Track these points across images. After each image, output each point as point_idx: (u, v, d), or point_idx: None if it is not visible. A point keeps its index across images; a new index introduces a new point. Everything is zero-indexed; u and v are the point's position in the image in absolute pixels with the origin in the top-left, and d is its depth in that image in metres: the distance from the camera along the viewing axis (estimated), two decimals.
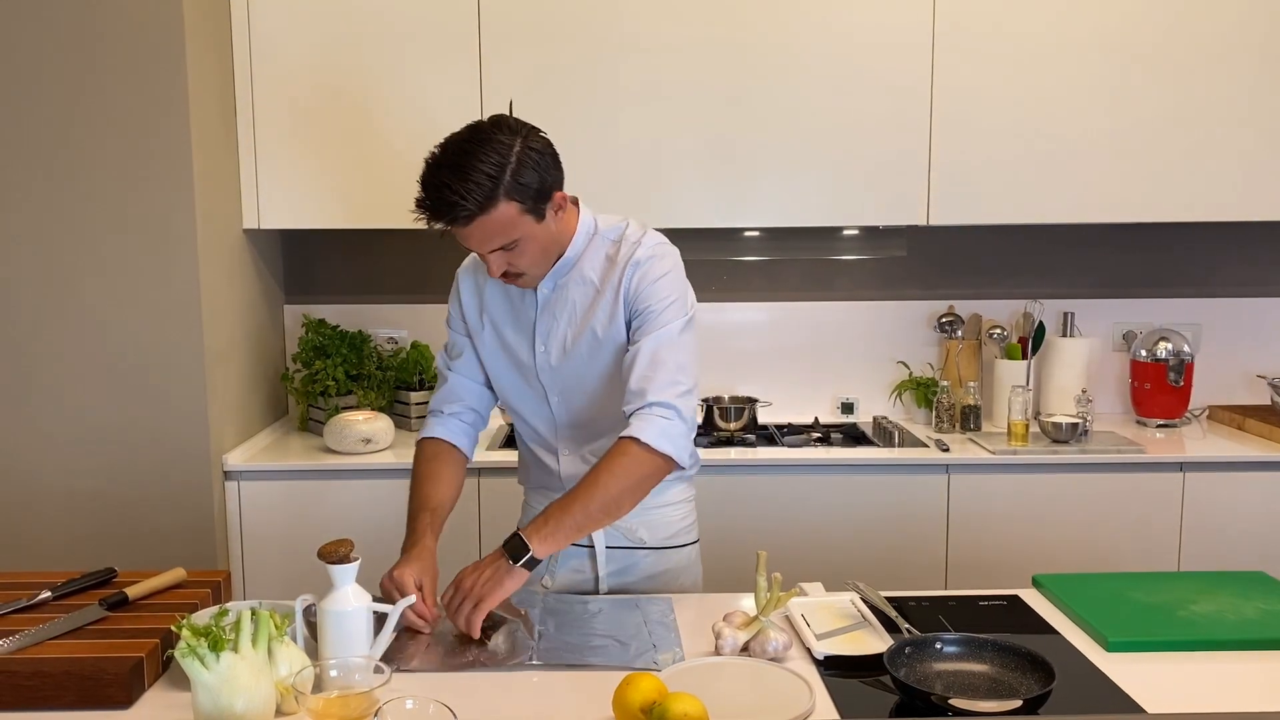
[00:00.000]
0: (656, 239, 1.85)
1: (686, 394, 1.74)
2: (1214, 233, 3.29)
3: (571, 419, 1.89)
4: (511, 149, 1.65)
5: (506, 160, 1.64)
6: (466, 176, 1.62)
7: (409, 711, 1.29)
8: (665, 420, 1.70)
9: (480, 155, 1.63)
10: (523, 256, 1.73)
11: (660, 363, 1.73)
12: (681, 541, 1.97)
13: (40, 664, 1.42)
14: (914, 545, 2.80)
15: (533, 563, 1.63)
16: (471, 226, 1.66)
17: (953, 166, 2.90)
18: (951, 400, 3.08)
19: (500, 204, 1.65)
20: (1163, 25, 2.86)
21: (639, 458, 1.68)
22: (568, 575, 1.94)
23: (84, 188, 2.57)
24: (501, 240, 1.69)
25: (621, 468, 1.67)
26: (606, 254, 1.83)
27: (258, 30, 2.83)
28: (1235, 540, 2.81)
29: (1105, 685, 1.48)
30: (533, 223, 1.70)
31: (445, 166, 1.64)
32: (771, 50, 2.86)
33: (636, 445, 1.68)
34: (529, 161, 1.67)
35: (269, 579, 2.75)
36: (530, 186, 1.67)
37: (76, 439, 2.64)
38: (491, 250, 1.71)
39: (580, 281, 1.83)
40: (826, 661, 1.54)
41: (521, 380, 1.90)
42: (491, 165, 1.63)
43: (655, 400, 1.70)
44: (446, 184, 1.63)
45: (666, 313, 1.77)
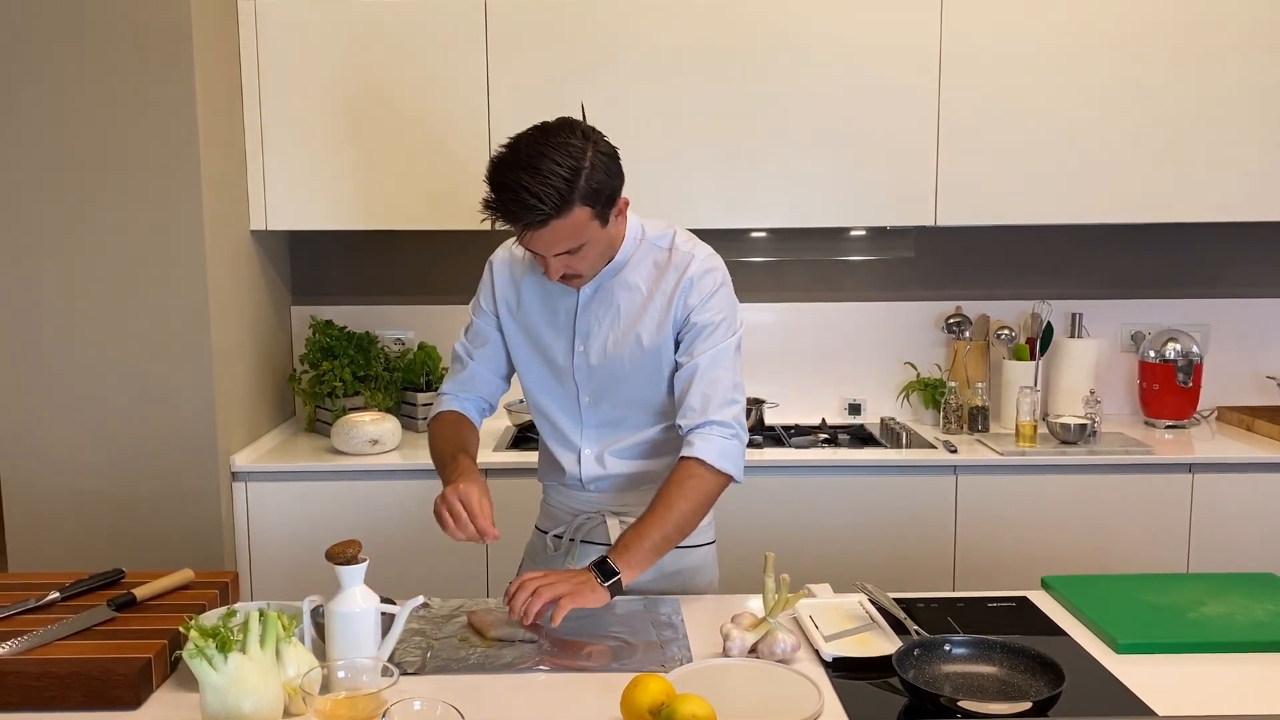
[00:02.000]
0: (708, 252, 1.85)
1: (742, 412, 1.81)
2: (1222, 233, 3.28)
3: (599, 420, 1.89)
4: (585, 153, 1.64)
5: (581, 164, 1.63)
6: (544, 179, 1.59)
7: (417, 713, 1.28)
8: (724, 440, 1.75)
9: (555, 158, 1.61)
10: (583, 260, 1.73)
11: (717, 381, 1.77)
12: (699, 541, 1.96)
13: (48, 665, 1.42)
14: (922, 546, 2.80)
15: (619, 587, 1.67)
16: (545, 230, 1.63)
17: (960, 167, 2.89)
18: (959, 401, 3.07)
19: (575, 208, 1.63)
20: (1171, 27, 2.85)
21: (706, 478, 1.74)
22: None
23: (92, 189, 2.57)
24: (571, 244, 1.68)
25: (692, 490, 1.73)
26: (655, 260, 1.83)
27: (265, 33, 2.83)
28: (1245, 542, 2.80)
29: (1115, 687, 1.47)
30: (599, 228, 1.70)
31: (520, 167, 1.61)
32: (779, 51, 2.86)
33: (703, 466, 1.73)
34: (600, 166, 1.66)
35: (276, 580, 2.75)
36: (602, 192, 1.67)
37: (85, 440, 2.64)
38: (558, 254, 1.69)
39: (626, 286, 1.83)
40: (835, 663, 1.54)
41: (553, 379, 1.90)
42: (567, 169, 1.61)
43: (716, 420, 1.76)
44: (523, 185, 1.59)
45: (721, 329, 1.80)
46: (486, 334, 1.94)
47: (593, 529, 1.94)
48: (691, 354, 1.79)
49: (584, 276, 1.78)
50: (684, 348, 1.81)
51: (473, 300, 1.96)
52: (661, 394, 1.86)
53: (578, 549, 1.94)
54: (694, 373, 1.78)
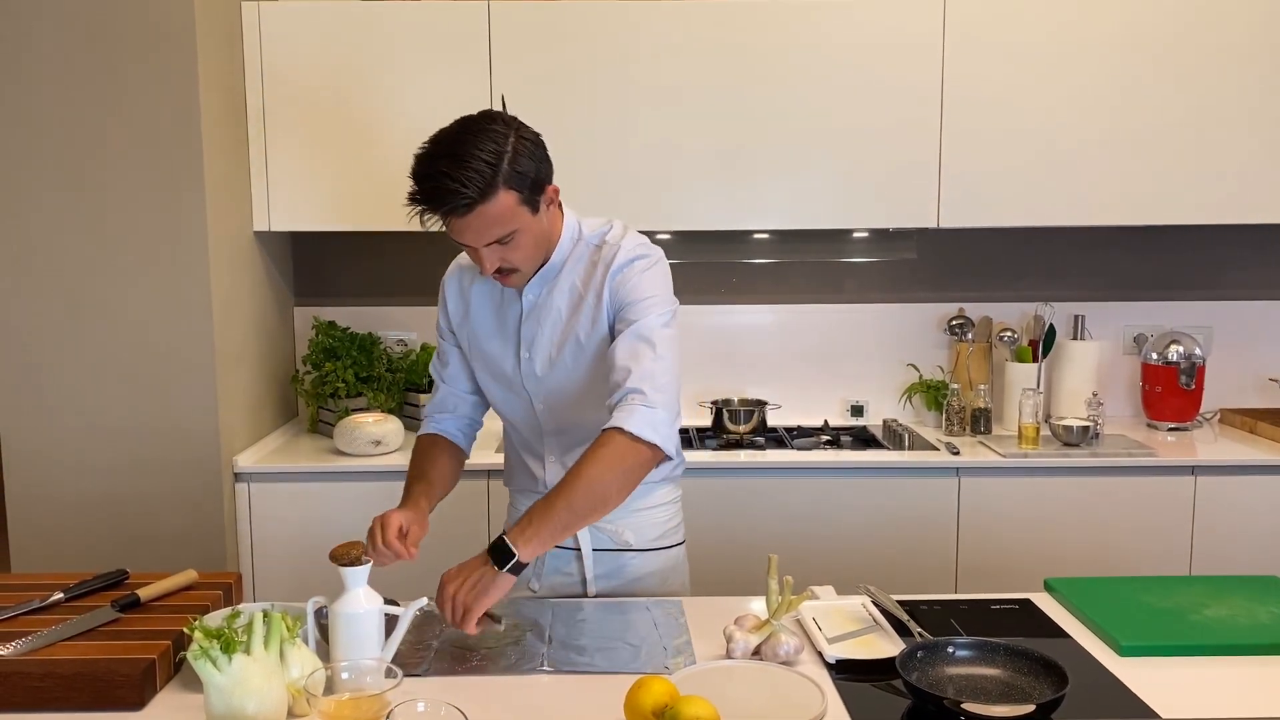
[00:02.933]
0: (637, 240, 1.82)
1: (668, 384, 1.69)
2: (1225, 235, 3.28)
3: (557, 426, 1.87)
4: (507, 138, 1.64)
5: (503, 149, 1.62)
6: (465, 164, 1.59)
7: (420, 714, 1.28)
8: (648, 409, 1.64)
9: (477, 144, 1.61)
10: (517, 251, 1.70)
11: (640, 354, 1.68)
12: (669, 543, 1.96)
13: (52, 665, 1.42)
14: (924, 548, 2.80)
15: (518, 567, 1.56)
16: (470, 216, 1.62)
17: (963, 169, 2.89)
18: (962, 403, 3.07)
19: (500, 192, 1.62)
20: (1173, 29, 2.86)
21: (624, 447, 1.62)
22: (555, 578, 1.93)
23: (95, 191, 2.57)
24: (499, 232, 1.65)
25: (605, 459, 1.61)
26: (590, 259, 1.81)
27: (269, 35, 2.83)
28: (1247, 544, 2.80)
29: (1118, 690, 1.47)
30: (528, 215, 1.68)
31: (441, 156, 1.61)
32: (781, 53, 2.86)
33: (620, 434, 1.61)
34: (524, 150, 1.65)
35: (280, 581, 2.75)
36: (527, 176, 1.65)
37: (88, 440, 2.64)
38: (488, 244, 1.67)
39: (564, 288, 1.80)
40: (838, 665, 1.54)
41: (506, 388, 1.89)
42: (489, 154, 1.60)
43: (635, 388, 1.65)
44: (445, 173, 1.59)
45: (647, 305, 1.73)
46: (449, 354, 1.95)
47: None
48: (618, 331, 1.74)
49: (521, 271, 1.75)
50: (615, 332, 1.76)
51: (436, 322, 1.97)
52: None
53: (546, 555, 1.92)
54: (617, 346, 1.71)
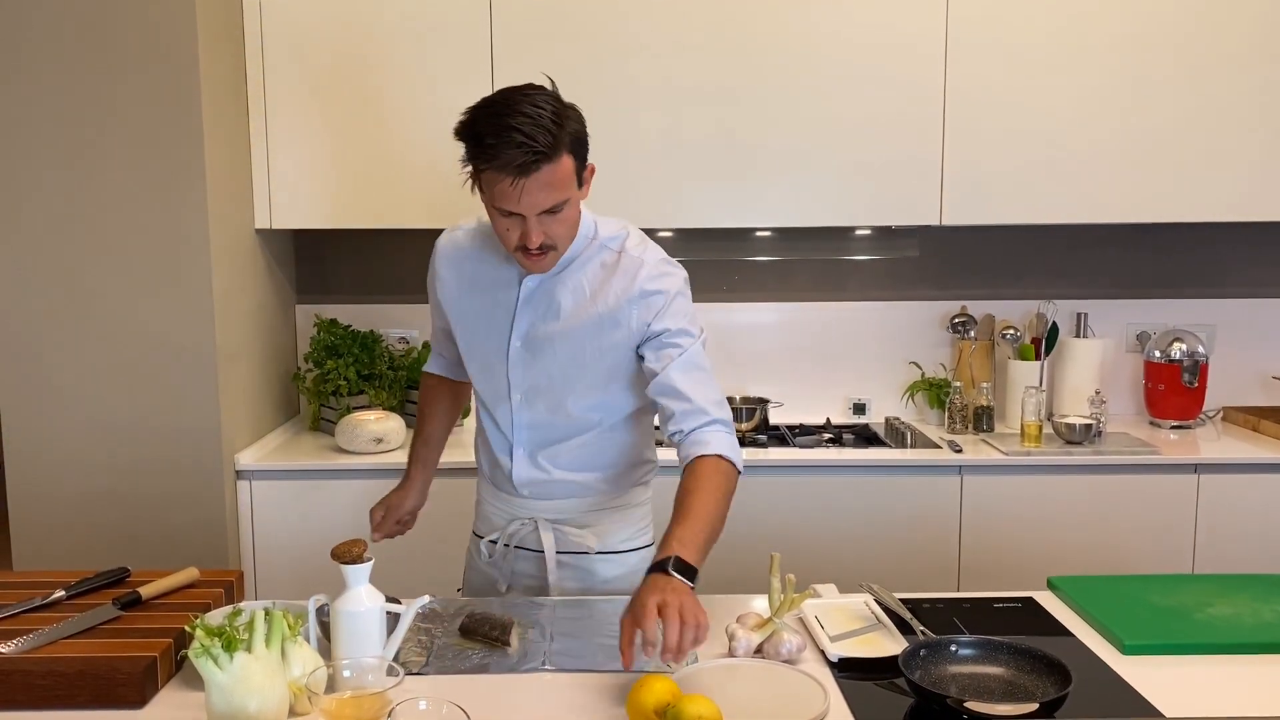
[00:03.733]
0: (660, 256, 1.80)
1: (725, 403, 1.79)
2: (1228, 233, 3.27)
3: (532, 420, 1.84)
4: (562, 104, 1.63)
5: (563, 111, 1.61)
6: (533, 120, 1.55)
7: (422, 712, 1.28)
8: (729, 435, 1.73)
9: (537, 104, 1.58)
10: (561, 224, 1.67)
11: (703, 382, 1.75)
12: (635, 545, 1.93)
13: (54, 664, 1.42)
14: (927, 547, 2.79)
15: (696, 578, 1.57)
16: (536, 175, 1.57)
17: (966, 167, 2.89)
18: (964, 401, 3.07)
19: (563, 153, 1.60)
20: (1176, 27, 2.85)
21: (731, 473, 1.71)
22: (520, 581, 1.93)
23: (96, 188, 2.57)
24: (556, 197, 1.62)
25: (725, 483, 1.68)
26: (603, 262, 1.78)
27: (270, 30, 2.83)
28: (1250, 542, 2.79)
29: (1122, 689, 1.47)
30: (576, 187, 1.67)
31: (504, 114, 1.57)
32: (783, 50, 2.85)
33: (725, 462, 1.69)
34: (575, 116, 1.65)
35: (281, 579, 2.75)
36: (582, 142, 1.65)
37: (89, 438, 2.64)
38: (543, 210, 1.62)
39: (570, 286, 1.78)
40: (840, 664, 1.54)
41: (487, 373, 1.86)
42: (551, 114, 1.58)
43: (719, 418, 1.73)
44: (515, 127, 1.55)
45: (687, 334, 1.77)
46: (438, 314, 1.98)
47: (526, 535, 1.91)
48: (664, 361, 1.74)
49: (556, 251, 1.71)
50: (653, 358, 1.76)
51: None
52: (600, 402, 1.82)
53: (512, 554, 1.92)
54: (677, 379, 1.73)
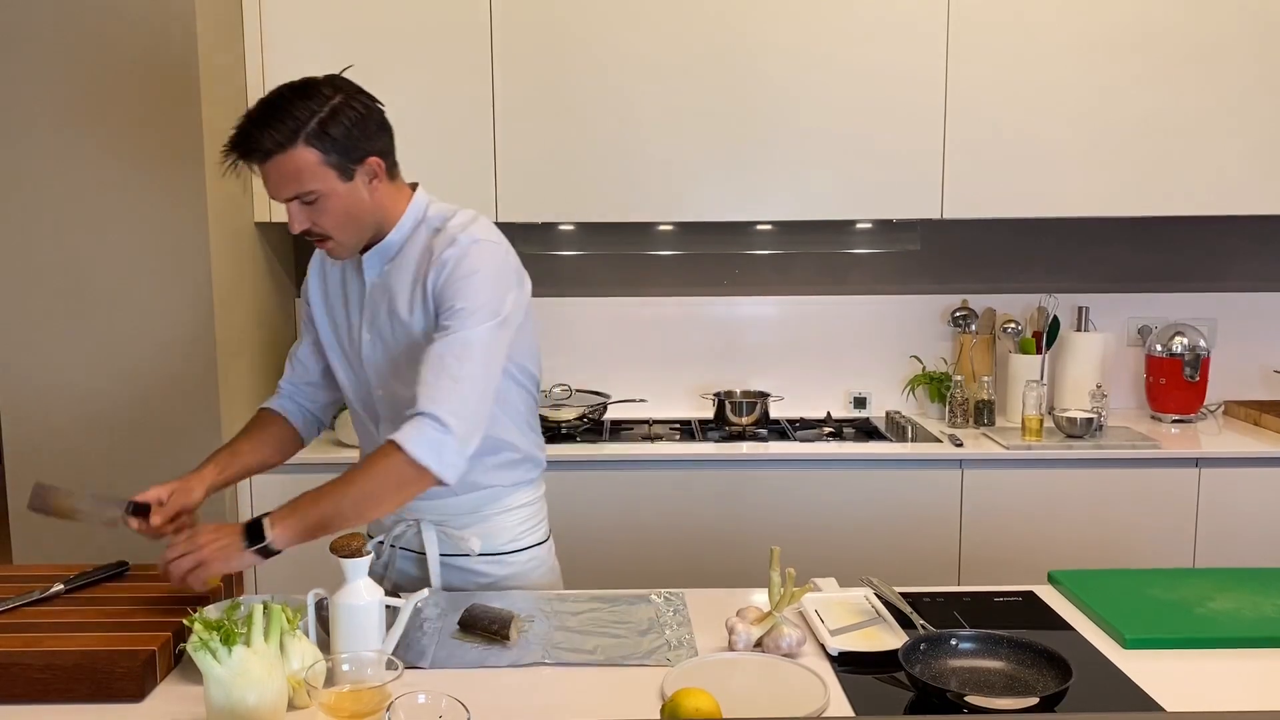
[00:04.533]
0: (478, 233, 1.73)
1: (468, 408, 1.62)
2: (1230, 227, 3.27)
3: (392, 412, 1.79)
4: (330, 100, 1.64)
5: (319, 109, 1.63)
6: (276, 117, 1.62)
7: (421, 706, 1.28)
8: (437, 434, 1.58)
9: (297, 101, 1.63)
10: (325, 215, 1.68)
11: (445, 371, 1.61)
12: (522, 545, 1.91)
13: (52, 657, 1.42)
14: (927, 540, 2.79)
15: (268, 552, 1.57)
16: (267, 165, 1.64)
17: (967, 160, 2.88)
18: (965, 395, 3.06)
19: (298, 147, 1.62)
20: (1178, 19, 2.84)
21: (400, 466, 1.58)
22: (401, 580, 1.91)
23: (96, 182, 2.57)
24: (295, 187, 1.65)
25: (380, 471, 1.59)
26: (427, 244, 1.75)
27: (270, 25, 2.82)
28: (1251, 537, 2.79)
29: (1122, 683, 1.47)
30: (336, 179, 1.66)
31: (262, 105, 1.64)
32: (785, 43, 2.84)
33: (401, 453, 1.57)
34: (345, 116, 1.65)
35: (280, 573, 2.73)
36: (337, 139, 1.64)
37: (88, 432, 2.64)
38: (287, 198, 1.67)
39: (400, 270, 1.76)
40: (841, 657, 1.54)
41: (350, 370, 1.86)
42: (303, 110, 1.62)
43: (430, 411, 1.59)
44: (253, 119, 1.63)
45: (466, 316, 1.64)
46: (303, 336, 1.97)
47: (410, 536, 1.88)
48: (437, 335, 1.66)
49: (336, 242, 1.72)
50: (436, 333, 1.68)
51: None
52: None
53: (397, 556, 1.90)
54: (427, 357, 1.64)
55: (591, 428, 3.03)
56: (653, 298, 3.28)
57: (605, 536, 2.79)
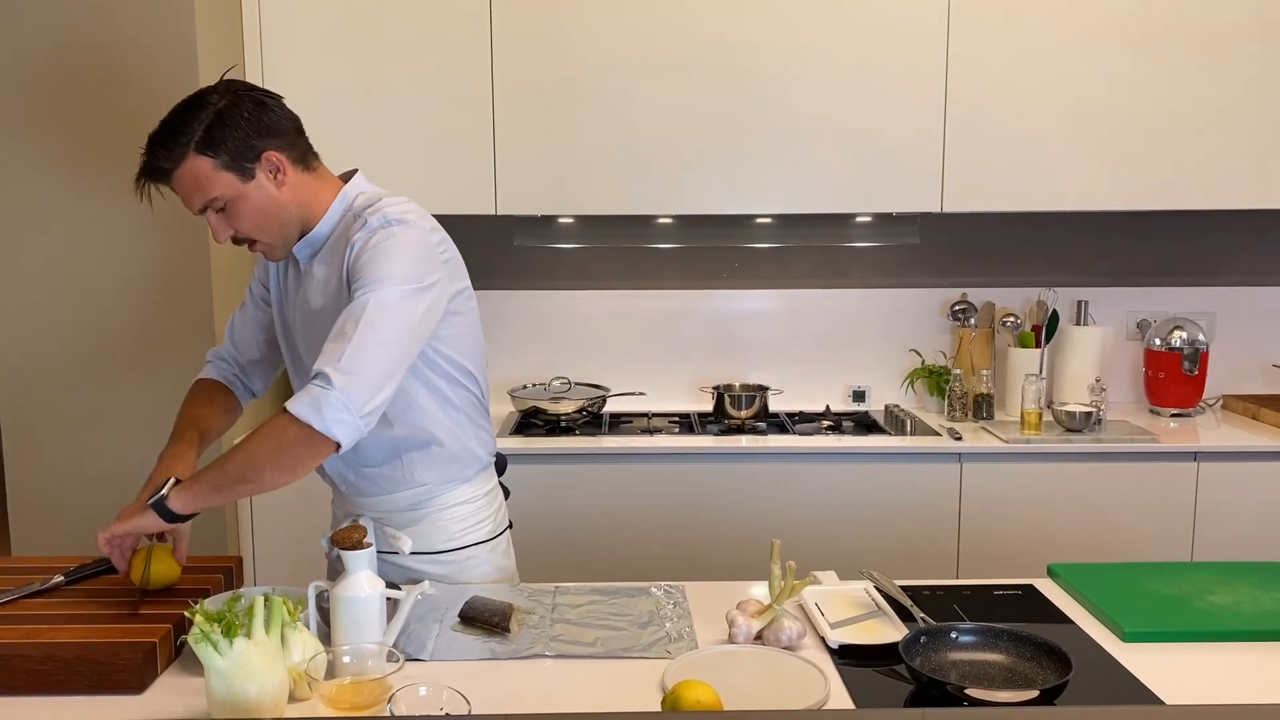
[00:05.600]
0: (394, 214, 1.68)
1: (357, 366, 1.55)
2: (1229, 221, 3.27)
3: None
4: (215, 106, 1.64)
5: (206, 117, 1.63)
6: (169, 134, 1.63)
7: (422, 698, 1.28)
8: (323, 391, 1.53)
9: (186, 114, 1.64)
10: (240, 219, 1.68)
11: (342, 334, 1.57)
12: (459, 544, 1.86)
13: (53, 649, 1.42)
14: (926, 534, 2.79)
15: (168, 513, 1.59)
16: (173, 184, 1.65)
17: (967, 154, 2.88)
18: (964, 388, 3.06)
19: (191, 158, 1.63)
20: (1177, 13, 2.84)
21: (282, 425, 1.55)
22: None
23: (95, 174, 2.56)
24: (200, 198, 1.65)
25: (265, 433, 1.56)
26: (345, 231, 1.73)
27: (269, 16, 2.82)
28: (1249, 530, 2.79)
29: (1122, 676, 1.47)
30: (237, 181, 1.65)
31: (160, 126, 1.65)
32: (785, 37, 2.84)
33: (284, 414, 1.54)
34: (231, 118, 1.64)
35: (281, 564, 2.75)
36: (223, 142, 1.63)
37: (89, 424, 2.64)
38: (199, 210, 1.67)
39: (326, 260, 1.74)
40: (841, 650, 1.54)
41: (293, 361, 1.85)
42: (191, 121, 1.63)
43: (320, 370, 1.55)
44: (152, 141, 1.64)
45: (373, 283, 1.60)
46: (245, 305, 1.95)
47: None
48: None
49: (264, 243, 1.72)
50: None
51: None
52: None
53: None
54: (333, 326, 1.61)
55: (590, 421, 3.04)
56: (652, 291, 3.28)
57: (605, 529, 2.79)
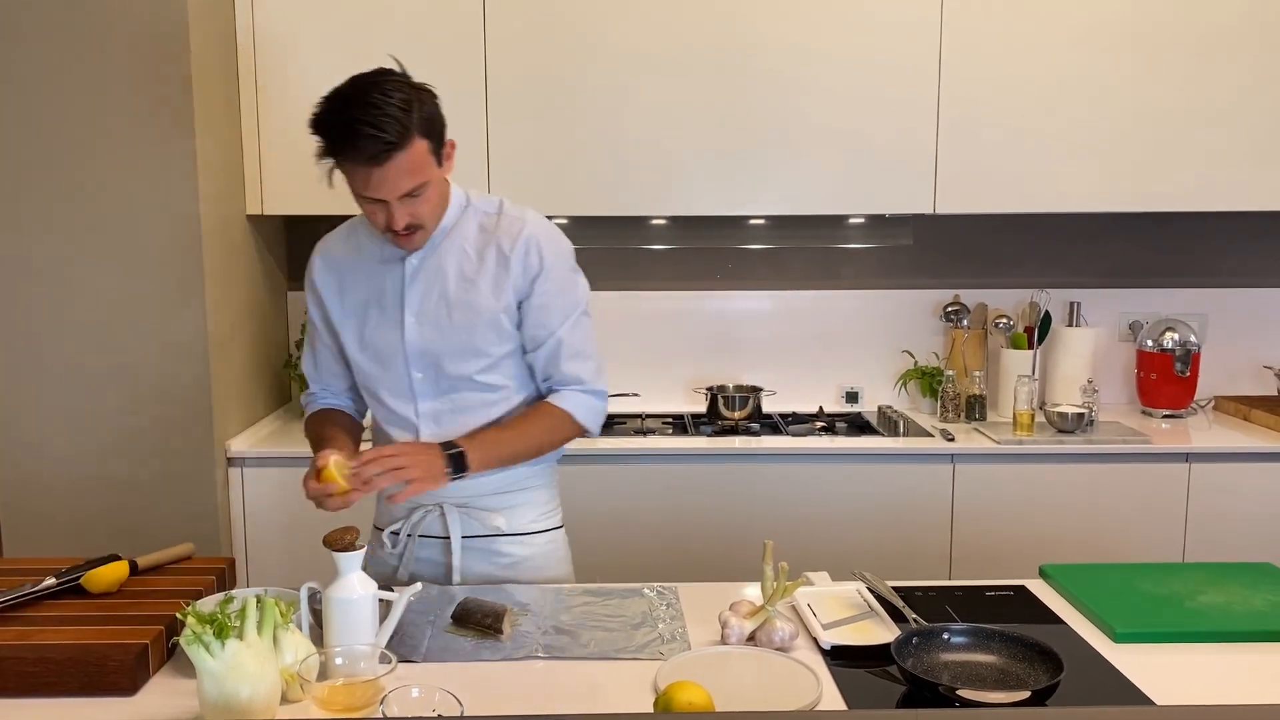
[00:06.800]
0: (539, 217, 1.84)
1: (604, 373, 1.89)
2: (1221, 222, 3.28)
3: (434, 401, 1.84)
4: (411, 87, 1.66)
5: (411, 97, 1.64)
6: (380, 111, 1.59)
7: (414, 700, 1.28)
8: (596, 400, 1.86)
9: (385, 92, 1.62)
10: (425, 204, 1.71)
11: (581, 347, 1.84)
12: (543, 527, 1.94)
13: (45, 650, 1.42)
14: (919, 535, 2.80)
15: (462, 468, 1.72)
16: (389, 165, 1.62)
17: (960, 155, 2.89)
18: (957, 390, 3.07)
19: (415, 139, 1.63)
20: (1170, 15, 2.84)
21: (569, 427, 1.84)
22: (421, 567, 1.91)
23: (87, 173, 2.55)
24: (414, 181, 1.66)
25: (557, 429, 1.83)
26: (481, 225, 1.80)
27: (262, 15, 2.81)
28: (1241, 531, 2.80)
29: (1113, 676, 1.47)
30: (435, 167, 1.70)
31: (352, 105, 1.61)
32: (779, 37, 2.84)
33: (571, 419, 1.83)
34: (427, 99, 1.68)
35: (273, 566, 2.75)
36: (435, 124, 1.67)
37: (80, 425, 2.63)
38: (402, 195, 1.66)
39: (454, 252, 1.79)
40: (833, 651, 1.54)
41: (382, 364, 1.85)
42: (399, 100, 1.61)
43: (590, 384, 1.85)
44: (360, 118, 1.59)
45: (572, 295, 1.83)
46: (320, 349, 1.94)
47: (431, 522, 1.89)
48: (548, 327, 1.81)
49: (425, 229, 1.75)
50: (536, 320, 1.81)
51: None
52: (495, 366, 1.82)
53: (415, 544, 1.90)
54: (559, 346, 1.82)
55: None
56: (645, 292, 3.28)
57: (598, 531, 2.79)
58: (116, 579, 1.65)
